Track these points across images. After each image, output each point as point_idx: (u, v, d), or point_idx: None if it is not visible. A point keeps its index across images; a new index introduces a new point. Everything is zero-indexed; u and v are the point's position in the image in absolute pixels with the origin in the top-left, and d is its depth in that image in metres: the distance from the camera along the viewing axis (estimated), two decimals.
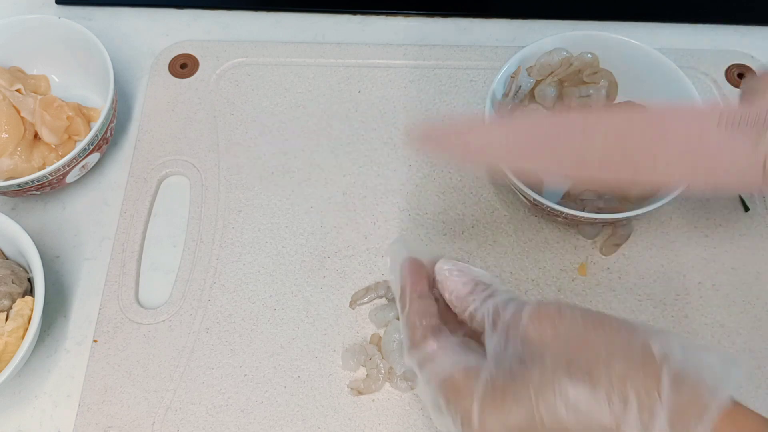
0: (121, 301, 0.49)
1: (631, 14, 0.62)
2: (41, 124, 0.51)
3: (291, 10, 0.63)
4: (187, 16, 0.63)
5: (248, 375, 0.47)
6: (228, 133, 0.56)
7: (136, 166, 0.54)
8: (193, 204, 0.53)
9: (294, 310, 0.49)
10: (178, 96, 0.57)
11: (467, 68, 0.58)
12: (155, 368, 0.47)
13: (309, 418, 0.45)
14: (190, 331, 0.48)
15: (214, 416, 0.45)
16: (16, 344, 0.44)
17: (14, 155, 0.50)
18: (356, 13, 0.63)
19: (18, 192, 0.50)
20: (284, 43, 0.60)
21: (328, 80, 0.58)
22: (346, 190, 0.53)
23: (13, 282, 0.46)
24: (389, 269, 0.38)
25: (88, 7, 0.64)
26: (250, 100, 0.57)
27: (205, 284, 0.49)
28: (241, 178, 0.54)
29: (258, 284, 0.50)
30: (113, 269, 0.50)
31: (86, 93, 0.57)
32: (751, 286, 0.49)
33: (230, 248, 0.51)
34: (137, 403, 0.46)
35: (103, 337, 0.48)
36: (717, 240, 0.51)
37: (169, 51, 0.60)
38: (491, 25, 0.62)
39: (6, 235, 0.47)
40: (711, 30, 0.62)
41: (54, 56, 0.56)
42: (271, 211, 0.52)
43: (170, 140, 0.55)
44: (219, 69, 0.59)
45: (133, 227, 0.52)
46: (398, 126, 0.56)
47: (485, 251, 0.50)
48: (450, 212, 0.52)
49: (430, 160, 0.54)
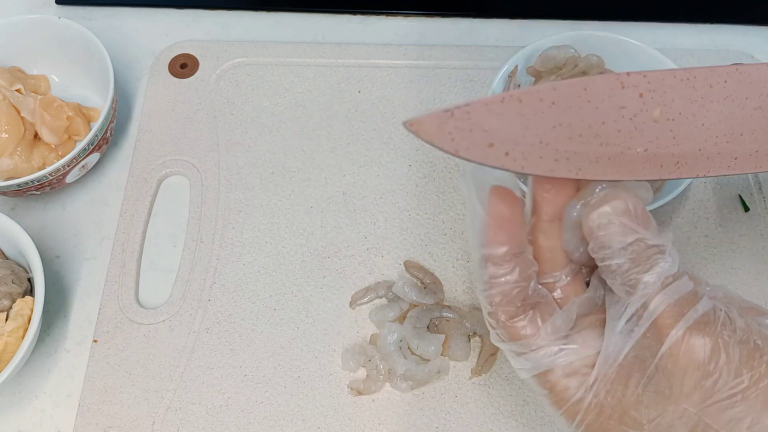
0: (121, 301, 0.49)
1: (631, 14, 0.62)
2: (41, 124, 0.51)
3: (291, 10, 0.63)
4: (187, 16, 0.63)
5: (248, 375, 0.47)
6: (228, 133, 0.56)
7: (136, 166, 0.54)
8: (193, 204, 0.53)
9: (294, 310, 0.49)
10: (178, 96, 0.57)
11: (467, 68, 0.58)
12: (155, 368, 0.47)
13: (309, 418, 0.45)
14: (190, 331, 0.48)
15: (214, 416, 0.45)
16: (16, 344, 0.44)
17: (14, 155, 0.50)
18: (356, 13, 0.63)
19: (18, 192, 0.50)
20: (284, 43, 0.60)
21: (328, 80, 0.58)
22: (346, 190, 0.53)
23: (13, 282, 0.46)
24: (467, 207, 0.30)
25: (88, 7, 0.63)
26: (250, 100, 0.57)
27: (205, 284, 0.49)
28: (241, 178, 0.54)
29: (258, 284, 0.50)
30: (113, 269, 0.50)
31: (86, 93, 0.57)
32: (751, 287, 0.49)
33: (230, 248, 0.51)
34: (137, 403, 0.46)
35: (103, 337, 0.48)
36: (717, 240, 0.51)
37: (169, 51, 0.60)
38: (491, 25, 0.62)
39: (6, 235, 0.47)
40: (711, 30, 0.62)
41: (54, 56, 0.56)
42: (271, 211, 0.52)
43: (170, 140, 0.55)
44: (219, 69, 0.59)
45: (133, 227, 0.52)
46: (398, 126, 0.56)
47: None
48: (450, 212, 0.52)
49: (430, 160, 0.54)
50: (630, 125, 0.28)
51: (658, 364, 0.25)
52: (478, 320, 0.47)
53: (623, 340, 0.26)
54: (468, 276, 0.50)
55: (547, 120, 0.26)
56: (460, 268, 0.50)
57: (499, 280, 0.28)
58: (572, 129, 0.27)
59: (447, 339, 0.46)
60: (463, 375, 0.46)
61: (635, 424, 0.26)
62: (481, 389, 0.46)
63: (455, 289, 0.49)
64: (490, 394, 0.46)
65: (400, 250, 0.51)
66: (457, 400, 0.46)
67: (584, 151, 0.27)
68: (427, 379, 0.46)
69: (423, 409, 0.45)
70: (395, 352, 0.46)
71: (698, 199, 0.52)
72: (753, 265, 0.50)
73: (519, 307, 0.28)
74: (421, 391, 0.46)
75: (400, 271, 0.50)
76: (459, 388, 0.46)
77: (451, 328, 0.47)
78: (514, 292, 0.28)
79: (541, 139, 0.26)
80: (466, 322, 0.47)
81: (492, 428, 0.45)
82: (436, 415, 0.45)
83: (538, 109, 0.26)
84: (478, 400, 0.46)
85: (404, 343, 0.46)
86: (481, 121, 0.25)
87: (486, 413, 0.45)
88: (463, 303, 0.49)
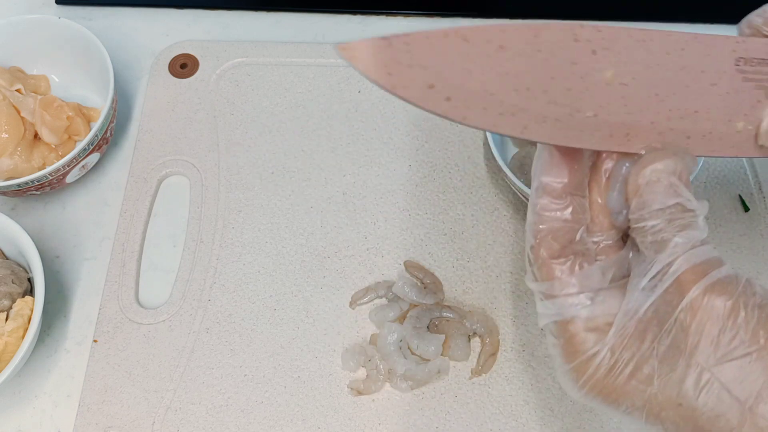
0: (121, 301, 0.49)
1: (631, 14, 0.62)
2: (41, 124, 0.51)
3: (291, 10, 0.63)
4: (187, 16, 0.63)
5: (248, 375, 0.47)
6: (228, 133, 0.56)
7: (136, 166, 0.54)
8: (193, 204, 0.53)
9: (294, 310, 0.49)
10: (178, 96, 0.57)
11: None
12: (155, 368, 0.47)
13: (309, 418, 0.45)
14: (190, 331, 0.48)
15: (214, 416, 0.45)
16: (16, 344, 0.44)
17: (14, 155, 0.50)
18: (356, 13, 0.63)
19: (18, 192, 0.50)
20: (284, 43, 0.60)
21: (328, 80, 0.58)
22: (346, 190, 0.53)
23: (13, 282, 0.46)
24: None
25: (88, 7, 0.63)
26: (250, 100, 0.57)
27: (205, 284, 0.49)
28: (241, 178, 0.54)
29: (258, 284, 0.50)
30: (113, 269, 0.50)
31: (86, 93, 0.57)
32: None
33: (230, 248, 0.51)
34: (137, 403, 0.46)
35: (103, 337, 0.48)
36: (717, 240, 0.51)
37: (169, 51, 0.60)
38: None
39: (6, 235, 0.47)
40: (711, 30, 0.62)
41: (54, 56, 0.56)
42: (271, 211, 0.52)
43: (170, 140, 0.55)
44: (219, 69, 0.59)
45: (133, 227, 0.52)
46: (398, 126, 0.56)
47: (485, 251, 0.50)
48: (450, 212, 0.52)
49: (430, 160, 0.54)
50: (581, 84, 0.26)
51: (677, 318, 0.26)
52: (478, 320, 0.47)
53: (645, 296, 0.27)
54: (468, 276, 0.50)
55: (494, 65, 0.24)
56: (460, 268, 0.50)
57: (550, 214, 0.28)
58: (519, 80, 0.25)
59: (447, 339, 0.47)
60: (463, 375, 0.46)
61: (645, 379, 0.26)
62: (481, 389, 0.46)
63: (455, 289, 0.49)
64: (490, 394, 0.46)
65: (400, 250, 0.51)
66: (457, 400, 0.46)
67: (531, 107, 0.25)
68: (427, 379, 0.46)
69: (423, 409, 0.45)
70: (395, 352, 0.46)
71: (698, 199, 0.52)
72: (753, 265, 0.50)
73: (562, 248, 0.27)
74: (421, 391, 0.46)
75: (400, 271, 0.50)
76: (459, 388, 0.46)
77: (451, 328, 0.47)
78: (562, 231, 0.27)
79: (486, 87, 0.24)
80: (466, 322, 0.47)
81: (492, 428, 0.45)
82: (436, 415, 0.45)
83: (484, 52, 0.24)
84: (478, 400, 0.46)
85: (404, 343, 0.46)
86: (422, 56, 0.23)
87: (486, 413, 0.45)
88: (463, 303, 0.49)
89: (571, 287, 0.27)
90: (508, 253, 0.50)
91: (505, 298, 0.49)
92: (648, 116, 0.28)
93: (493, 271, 0.50)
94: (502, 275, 0.49)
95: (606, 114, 0.27)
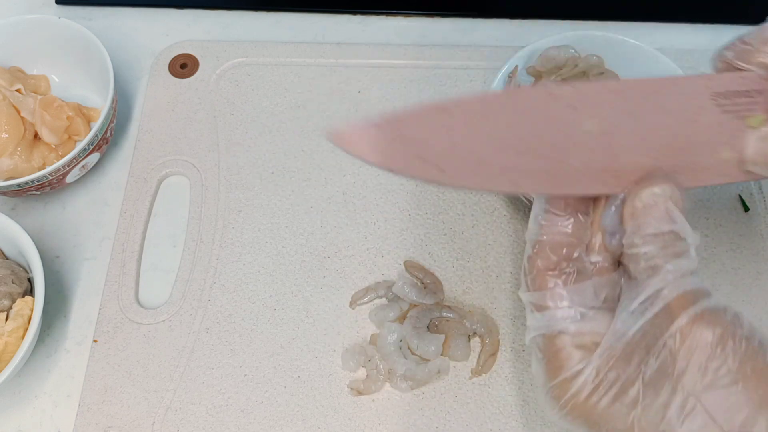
0: (121, 301, 0.49)
1: (631, 14, 0.62)
2: (41, 124, 0.51)
3: (291, 10, 0.63)
4: (187, 16, 0.63)
5: (248, 375, 0.47)
6: (228, 133, 0.56)
7: (136, 166, 0.54)
8: (193, 204, 0.53)
9: (294, 310, 0.49)
10: (178, 96, 0.57)
11: (467, 68, 0.58)
12: (155, 368, 0.47)
13: (309, 418, 0.45)
14: (190, 331, 0.48)
15: (214, 416, 0.45)
16: (16, 344, 0.44)
17: (14, 155, 0.50)
18: (356, 13, 0.63)
19: (18, 192, 0.50)
20: (284, 43, 0.60)
21: (328, 80, 0.58)
22: (346, 190, 0.53)
23: (13, 282, 0.46)
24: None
25: (88, 7, 0.63)
26: (250, 100, 0.57)
27: (205, 284, 0.49)
28: (241, 178, 0.54)
29: (258, 284, 0.50)
30: (113, 269, 0.50)
31: (86, 93, 0.57)
32: (751, 287, 0.49)
33: (230, 248, 0.51)
34: (137, 403, 0.46)
35: (103, 337, 0.48)
36: (717, 240, 0.51)
37: (169, 51, 0.60)
38: (491, 25, 0.62)
39: (6, 235, 0.47)
40: (711, 30, 0.62)
41: (54, 56, 0.56)
42: (271, 211, 0.52)
43: (170, 140, 0.55)
44: (219, 69, 0.59)
45: (133, 227, 0.52)
46: None
47: (485, 251, 0.50)
48: (450, 212, 0.52)
49: None
50: (564, 139, 0.27)
51: (666, 342, 0.26)
52: (478, 320, 0.47)
53: (634, 319, 0.27)
54: (468, 276, 0.50)
55: (478, 133, 0.26)
56: (460, 268, 0.50)
57: (552, 227, 0.28)
58: (504, 142, 0.26)
59: (447, 339, 0.46)
60: (463, 375, 0.46)
61: (630, 403, 0.26)
62: (481, 389, 0.46)
63: (455, 289, 0.49)
64: (490, 394, 0.46)
65: (400, 250, 0.51)
66: (457, 400, 0.46)
67: (519, 165, 0.27)
68: (427, 379, 0.46)
69: (423, 409, 0.45)
70: (395, 352, 0.46)
71: (698, 199, 0.52)
72: (753, 265, 0.50)
73: (558, 261, 0.28)
74: (421, 391, 0.46)
75: (400, 271, 0.50)
76: (459, 388, 0.46)
77: (451, 328, 0.47)
78: (561, 245, 0.28)
79: (474, 155, 0.26)
80: (466, 322, 0.47)
81: (492, 428, 0.45)
82: (436, 415, 0.45)
83: (468, 122, 0.26)
84: (478, 400, 0.46)
85: (404, 343, 0.46)
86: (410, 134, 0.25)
87: (486, 413, 0.45)
88: (463, 303, 0.49)
89: (563, 300, 0.28)
90: (508, 253, 0.50)
91: (505, 298, 0.49)
92: (634, 158, 0.29)
93: (493, 271, 0.50)
94: (502, 275, 0.50)
95: (592, 162, 0.28)
